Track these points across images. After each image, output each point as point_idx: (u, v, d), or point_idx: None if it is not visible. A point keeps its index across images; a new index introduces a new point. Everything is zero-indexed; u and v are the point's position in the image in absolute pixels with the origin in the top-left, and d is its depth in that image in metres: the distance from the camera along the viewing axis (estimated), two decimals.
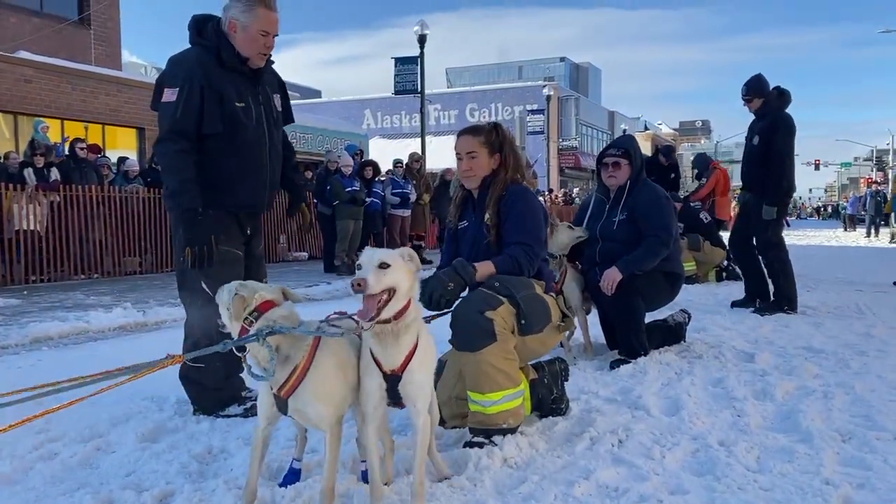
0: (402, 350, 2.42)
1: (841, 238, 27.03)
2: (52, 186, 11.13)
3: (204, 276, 3.41)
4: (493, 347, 3.09)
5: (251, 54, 3.46)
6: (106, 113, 16.44)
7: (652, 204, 4.87)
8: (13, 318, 7.35)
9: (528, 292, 3.23)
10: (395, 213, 13.35)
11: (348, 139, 23.24)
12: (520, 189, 3.51)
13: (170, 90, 3.36)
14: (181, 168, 3.37)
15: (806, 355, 4.96)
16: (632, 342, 4.74)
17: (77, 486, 2.72)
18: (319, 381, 2.40)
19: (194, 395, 3.64)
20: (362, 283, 2.24)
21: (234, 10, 3.41)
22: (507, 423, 3.12)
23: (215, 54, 3.42)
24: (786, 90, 6.87)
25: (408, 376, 2.44)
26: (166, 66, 3.50)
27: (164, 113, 3.38)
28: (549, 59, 63.60)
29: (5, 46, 15.44)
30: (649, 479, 2.75)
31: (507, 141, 3.57)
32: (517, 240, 3.36)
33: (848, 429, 3.32)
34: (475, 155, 3.51)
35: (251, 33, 3.41)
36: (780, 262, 6.94)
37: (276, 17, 3.47)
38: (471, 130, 3.60)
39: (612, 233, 4.91)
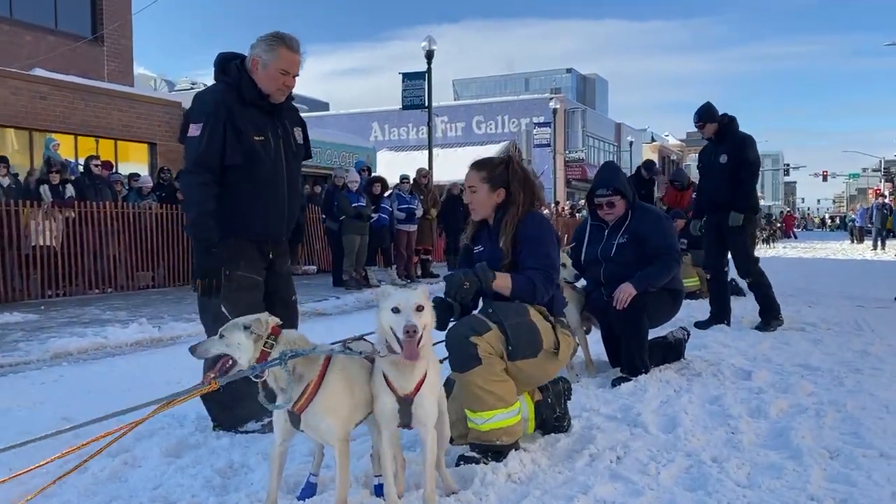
0: (416, 376, 2.64)
1: (847, 251, 27.10)
2: (67, 203, 11.38)
3: (224, 301, 3.59)
4: (479, 370, 3.26)
5: (271, 90, 3.66)
6: (118, 128, 16.71)
7: (656, 225, 5.08)
8: (33, 333, 7.57)
9: (518, 320, 3.35)
10: (402, 227, 13.57)
11: (356, 153, 23.50)
12: (535, 218, 3.59)
13: (194, 125, 3.58)
14: (201, 200, 3.57)
15: (802, 373, 5.11)
16: (634, 360, 4.91)
17: (109, 499, 2.92)
18: (329, 397, 2.63)
19: (214, 412, 3.81)
20: (414, 329, 2.48)
21: (257, 49, 3.63)
22: (501, 440, 3.29)
23: (237, 91, 3.62)
24: (734, 116, 7.27)
25: (419, 399, 2.65)
26: (192, 102, 3.74)
27: (190, 146, 3.59)
28: (555, 70, 63.90)
29: (21, 64, 15.75)
30: (644, 494, 2.92)
31: (517, 177, 3.60)
32: (534, 265, 3.47)
33: (836, 446, 3.48)
34: (475, 189, 3.61)
35: (271, 71, 3.61)
36: (762, 276, 7.23)
37: (297, 58, 3.67)
38: (476, 165, 3.68)
39: (613, 256, 5.07)
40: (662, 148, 63.15)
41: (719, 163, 7.14)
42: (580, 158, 45.27)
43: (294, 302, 4.11)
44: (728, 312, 7.33)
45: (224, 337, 2.67)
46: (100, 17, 18.52)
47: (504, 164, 3.64)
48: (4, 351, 6.57)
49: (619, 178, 5.22)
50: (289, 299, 4.02)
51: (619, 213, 5.12)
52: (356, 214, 12.18)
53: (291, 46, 3.65)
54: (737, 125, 7.24)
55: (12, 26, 16.68)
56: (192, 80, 59.05)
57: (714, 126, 7.20)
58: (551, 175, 37.61)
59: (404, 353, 2.54)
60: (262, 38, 3.67)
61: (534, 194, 3.66)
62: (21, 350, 6.61)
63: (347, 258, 12.30)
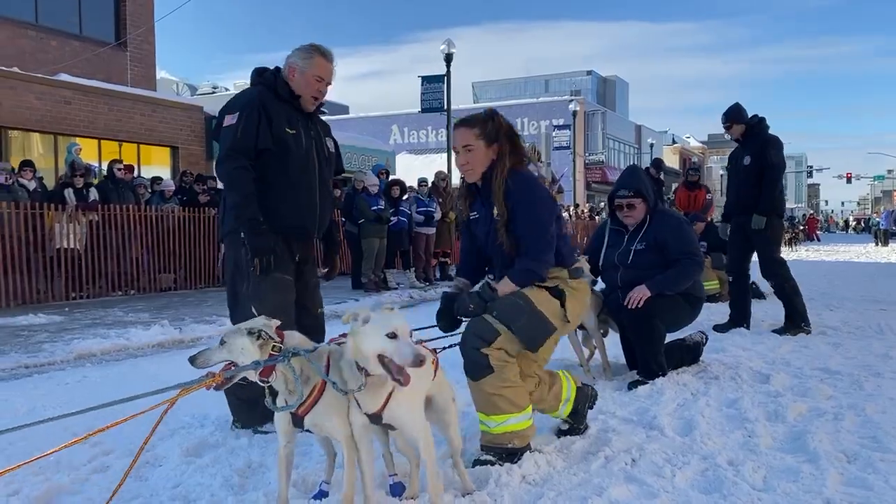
0: (380, 398, 2.62)
1: (871, 254, 26.77)
2: (90, 206, 11.54)
3: (256, 302, 3.62)
4: (491, 378, 3.29)
5: (305, 95, 3.83)
6: (141, 132, 16.94)
7: (676, 230, 5.06)
8: (57, 334, 7.69)
9: (523, 319, 3.31)
10: (420, 231, 13.63)
11: (375, 156, 23.61)
12: (522, 178, 3.46)
13: (230, 116, 3.73)
14: (243, 183, 3.68)
15: (822, 377, 5.07)
16: (650, 364, 4.91)
17: (130, 498, 2.97)
18: (333, 397, 2.69)
19: (234, 408, 3.89)
20: (424, 359, 2.47)
21: (293, 57, 3.82)
22: (513, 443, 3.31)
23: (272, 89, 3.80)
24: (763, 117, 7.20)
25: (388, 414, 2.66)
26: (228, 101, 3.91)
27: (225, 135, 3.71)
28: (575, 72, 63.65)
29: (46, 69, 16.00)
30: (659, 496, 2.93)
31: (504, 129, 3.50)
32: (527, 241, 3.38)
33: (854, 450, 3.46)
34: (471, 148, 3.46)
35: (307, 77, 3.79)
36: (788, 280, 7.13)
37: (331, 67, 3.87)
38: (465, 122, 3.53)
39: (631, 262, 5.06)
40: (683, 150, 62.76)
41: (743, 164, 7.09)
42: (600, 161, 45.10)
43: (321, 314, 4.16)
44: (748, 316, 7.27)
45: (226, 343, 2.66)
46: (123, 22, 18.78)
47: (491, 118, 3.52)
48: (30, 352, 6.69)
49: (642, 180, 5.20)
50: (315, 311, 4.09)
51: (638, 216, 5.10)
52: (375, 217, 12.26)
53: (326, 55, 3.84)
54: (765, 127, 7.15)
55: (38, 32, 16.95)
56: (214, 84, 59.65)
57: (741, 127, 7.15)
58: (571, 178, 37.51)
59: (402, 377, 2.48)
60: (298, 48, 3.85)
61: (520, 148, 3.56)
62: (46, 351, 6.72)
63: (366, 261, 12.38)
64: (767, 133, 7.14)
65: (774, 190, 7.09)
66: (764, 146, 7.02)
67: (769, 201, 7.01)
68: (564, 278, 3.49)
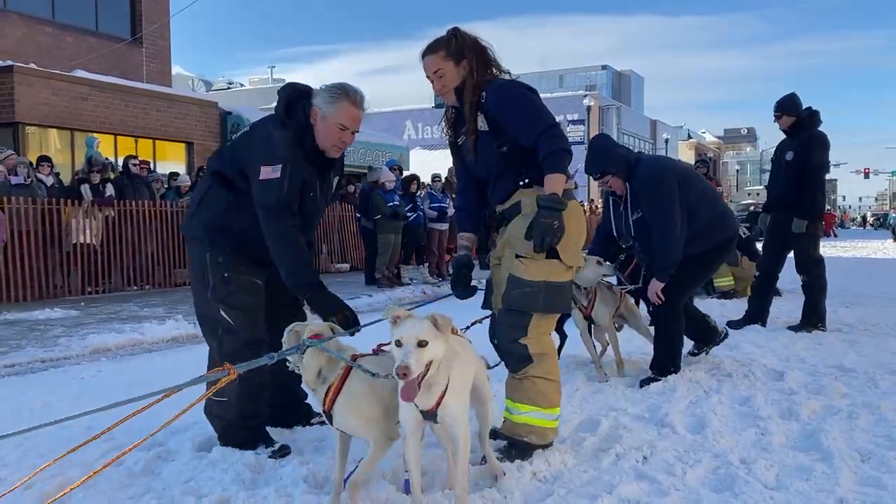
0: (433, 397, 2.62)
1: (889, 250, 26.48)
2: (107, 202, 11.63)
3: (223, 304, 3.51)
4: (532, 367, 3.31)
5: (327, 146, 3.49)
6: (157, 128, 17.04)
7: (646, 197, 4.76)
8: (73, 329, 7.76)
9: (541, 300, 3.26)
10: (434, 226, 13.64)
11: (389, 151, 23.62)
12: (495, 87, 3.35)
13: (269, 168, 3.36)
14: (299, 245, 3.40)
15: (836, 374, 5.03)
16: (664, 359, 4.88)
17: (143, 492, 3.00)
18: (351, 400, 2.76)
19: (220, 430, 3.64)
20: (407, 371, 2.41)
21: (319, 98, 3.45)
22: (530, 437, 3.31)
23: (299, 141, 3.47)
24: (817, 110, 6.97)
25: (442, 411, 2.65)
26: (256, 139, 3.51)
27: (269, 189, 3.36)
28: (590, 67, 63.35)
29: (63, 66, 16.12)
30: (669, 494, 2.92)
31: (468, 42, 3.39)
32: (536, 134, 3.25)
33: (868, 448, 3.43)
34: (442, 72, 3.38)
35: (329, 125, 3.43)
36: (819, 279, 7.00)
37: (359, 114, 3.50)
38: (430, 48, 3.42)
39: (635, 232, 4.92)
40: (699, 145, 62.36)
41: (785, 160, 6.94)
42: None
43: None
44: (765, 315, 7.18)
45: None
46: (139, 18, 18.88)
47: (454, 35, 3.40)
48: (46, 346, 6.76)
49: (604, 160, 4.90)
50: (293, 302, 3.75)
51: (619, 187, 4.89)
52: (392, 214, 12.29)
53: (355, 101, 3.47)
54: (815, 122, 6.91)
55: (54, 28, 17.08)
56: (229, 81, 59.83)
57: (790, 119, 6.92)
58: (585, 173, 37.37)
59: (401, 392, 2.51)
60: (326, 87, 3.49)
61: (488, 59, 3.42)
62: (61, 345, 6.79)
63: (381, 257, 12.40)
64: (815, 129, 6.88)
65: (816, 193, 6.86)
66: (808, 144, 6.78)
67: (811, 205, 6.82)
68: None
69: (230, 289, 3.52)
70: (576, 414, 4.05)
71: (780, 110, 6.99)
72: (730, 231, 5.07)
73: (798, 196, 6.81)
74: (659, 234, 4.71)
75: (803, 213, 6.80)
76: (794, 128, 6.93)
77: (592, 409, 4.19)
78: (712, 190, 5.19)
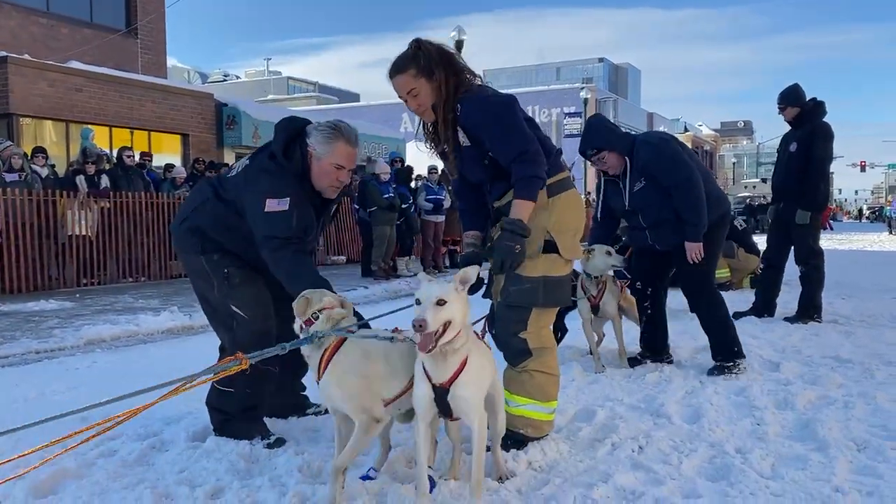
0: (449, 368, 2.62)
1: (885, 243, 26.52)
2: (102, 193, 11.59)
3: (230, 300, 3.53)
4: (531, 361, 3.29)
5: (322, 187, 3.50)
6: (152, 120, 16.97)
7: (657, 160, 4.72)
8: (68, 320, 7.74)
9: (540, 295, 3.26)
10: (429, 218, 13.64)
11: (386, 143, 23.58)
12: (467, 103, 3.21)
13: (276, 200, 3.35)
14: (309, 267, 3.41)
15: (832, 365, 5.03)
16: (727, 344, 4.84)
17: (137, 482, 2.98)
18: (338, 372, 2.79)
19: (218, 422, 3.62)
20: (423, 323, 2.44)
21: (313, 138, 3.43)
22: (526, 430, 3.29)
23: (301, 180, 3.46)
24: (822, 101, 6.95)
25: (454, 390, 2.64)
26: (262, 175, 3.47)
27: (277, 220, 3.34)
28: (587, 59, 63.32)
29: (58, 57, 16.04)
30: (665, 483, 2.91)
31: (433, 56, 3.21)
32: (510, 158, 3.16)
33: (864, 438, 3.43)
34: (416, 91, 3.24)
35: (324, 165, 3.43)
36: (818, 271, 7.02)
37: (354, 152, 3.49)
38: (398, 67, 3.25)
39: (641, 202, 4.82)
40: (695, 138, 62.33)
41: (789, 151, 6.92)
42: None
43: None
44: (772, 308, 7.19)
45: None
46: (134, 9, 18.80)
47: (418, 48, 3.22)
48: (40, 337, 6.73)
49: (601, 137, 4.82)
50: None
51: (614, 164, 4.81)
52: (388, 205, 12.28)
53: (349, 140, 3.45)
54: (820, 113, 6.89)
55: (49, 19, 17.00)
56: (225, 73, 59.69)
57: (795, 110, 6.90)
58: (582, 165, 37.36)
59: (419, 344, 2.53)
60: (319, 127, 3.47)
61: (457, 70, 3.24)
62: (56, 336, 6.76)
63: (377, 248, 12.38)
64: (819, 120, 6.86)
65: (819, 184, 6.88)
66: (812, 135, 6.77)
67: (814, 196, 6.84)
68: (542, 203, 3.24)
69: (234, 282, 3.55)
70: (572, 404, 4.04)
71: (784, 102, 6.97)
72: (725, 206, 5.05)
73: (801, 187, 6.82)
74: (684, 194, 4.66)
75: (807, 204, 6.82)
76: (799, 119, 6.91)
77: (588, 399, 4.18)
78: (706, 169, 5.17)
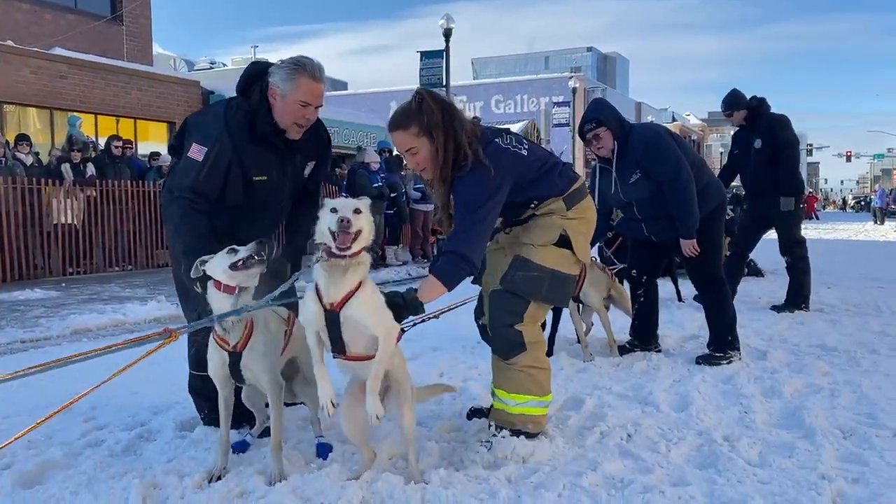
0: (344, 286, 2.69)
1: (870, 232, 26.75)
2: (88, 182, 11.49)
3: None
4: (523, 356, 3.24)
5: (287, 125, 3.29)
6: (138, 108, 16.79)
7: (647, 153, 4.71)
8: (54, 309, 7.68)
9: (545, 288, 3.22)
10: (418, 208, 13.62)
11: (374, 132, 23.44)
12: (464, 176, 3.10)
13: (198, 147, 3.22)
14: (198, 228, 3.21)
15: (818, 353, 5.08)
16: (723, 335, 4.86)
17: (124, 471, 2.96)
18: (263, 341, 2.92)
19: (202, 407, 3.55)
20: (348, 221, 2.59)
21: (276, 76, 3.24)
22: (527, 427, 3.24)
23: (249, 124, 3.29)
24: (763, 97, 7.09)
25: (346, 311, 2.69)
26: (200, 117, 3.44)
27: (187, 168, 3.23)
28: (576, 48, 63.25)
29: (41, 43, 15.83)
30: (653, 471, 2.92)
31: (435, 118, 3.07)
32: (448, 247, 3.10)
33: (850, 426, 3.46)
34: (415, 150, 3.13)
35: (289, 102, 3.24)
36: (803, 259, 7.10)
37: (320, 87, 3.29)
38: (398, 123, 3.15)
39: (636, 193, 4.81)
40: (683, 128, 62.41)
41: (755, 148, 6.98)
42: None
43: None
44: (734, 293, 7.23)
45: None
46: None
47: (420, 105, 3.09)
48: (26, 327, 6.69)
49: (602, 110, 4.86)
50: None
51: (607, 145, 4.78)
52: (378, 194, 12.24)
53: (314, 75, 3.25)
54: (767, 107, 7.04)
55: (32, 5, 16.76)
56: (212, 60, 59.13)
57: (743, 113, 7.04)
58: (570, 155, 37.41)
59: (337, 242, 2.61)
60: (282, 64, 3.29)
61: (457, 132, 3.07)
62: (42, 326, 6.72)
63: None
64: (771, 113, 7.02)
65: (795, 169, 7.03)
66: (771, 127, 6.90)
67: (792, 181, 6.94)
68: (561, 210, 3.26)
69: None
70: (560, 393, 4.04)
71: (730, 108, 7.11)
72: (720, 195, 5.04)
73: (777, 176, 6.88)
74: (673, 193, 4.66)
75: (788, 191, 6.90)
76: (750, 119, 7.04)
77: (577, 388, 4.19)
78: (701, 159, 5.17)
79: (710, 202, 4.83)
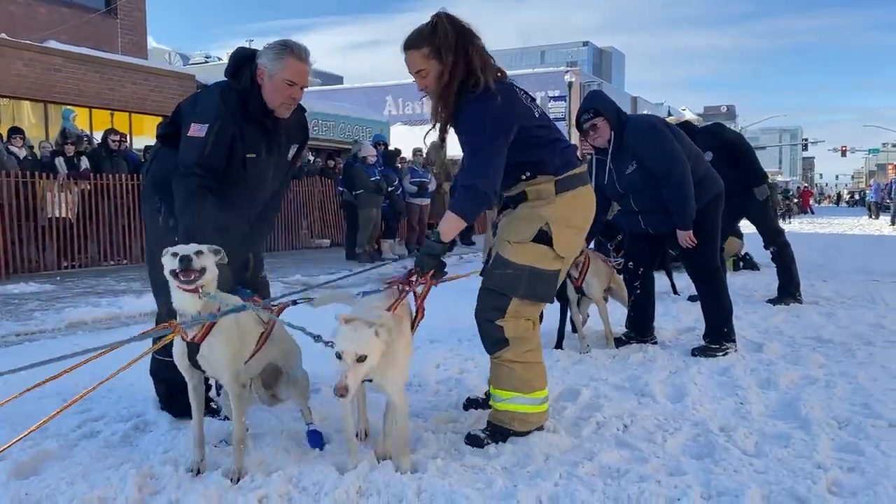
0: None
1: (865, 226, 26.82)
2: (82, 175, 11.44)
3: None
4: (506, 350, 3.20)
5: (275, 104, 3.37)
6: (132, 101, 16.73)
7: (644, 141, 4.71)
8: (49, 303, 7.66)
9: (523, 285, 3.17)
10: (414, 201, 13.61)
11: (370, 126, 23.42)
12: (467, 107, 3.05)
13: (197, 125, 3.27)
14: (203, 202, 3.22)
15: (814, 345, 5.09)
16: (718, 327, 4.88)
17: (120, 462, 2.95)
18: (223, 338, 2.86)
19: (165, 393, 3.57)
20: (344, 392, 2.54)
21: (263, 57, 3.34)
22: (513, 425, 3.20)
23: (242, 102, 3.36)
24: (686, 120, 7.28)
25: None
26: (194, 100, 3.48)
27: (191, 146, 3.26)
28: (572, 43, 63.33)
29: (35, 36, 15.76)
30: (650, 461, 2.93)
31: (451, 37, 3.01)
32: (461, 181, 3.10)
33: (846, 416, 3.47)
34: (425, 72, 3.09)
35: (276, 82, 3.32)
36: (786, 247, 7.19)
37: (305, 68, 3.38)
38: (411, 42, 3.10)
39: (632, 184, 4.80)
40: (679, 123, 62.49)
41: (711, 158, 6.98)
42: None
43: (263, 278, 3.88)
44: None
45: None
46: None
47: (434, 26, 3.04)
48: (21, 320, 6.66)
49: (600, 100, 4.89)
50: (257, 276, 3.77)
51: (604, 135, 4.79)
52: (375, 188, 12.23)
53: (300, 56, 3.35)
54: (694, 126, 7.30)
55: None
56: (207, 54, 59.03)
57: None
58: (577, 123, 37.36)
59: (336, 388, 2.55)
60: (269, 46, 3.39)
61: (469, 58, 3.04)
62: (37, 319, 6.69)
63: (362, 232, 12.33)
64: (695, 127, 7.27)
65: (754, 158, 7.21)
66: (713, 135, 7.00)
67: (756, 171, 7.08)
68: (549, 195, 3.17)
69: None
70: (557, 384, 4.05)
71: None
72: (717, 186, 5.02)
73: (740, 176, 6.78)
74: (668, 185, 4.66)
75: (756, 181, 7.00)
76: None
77: (573, 379, 4.20)
78: (698, 151, 5.17)
79: (706, 193, 4.84)
